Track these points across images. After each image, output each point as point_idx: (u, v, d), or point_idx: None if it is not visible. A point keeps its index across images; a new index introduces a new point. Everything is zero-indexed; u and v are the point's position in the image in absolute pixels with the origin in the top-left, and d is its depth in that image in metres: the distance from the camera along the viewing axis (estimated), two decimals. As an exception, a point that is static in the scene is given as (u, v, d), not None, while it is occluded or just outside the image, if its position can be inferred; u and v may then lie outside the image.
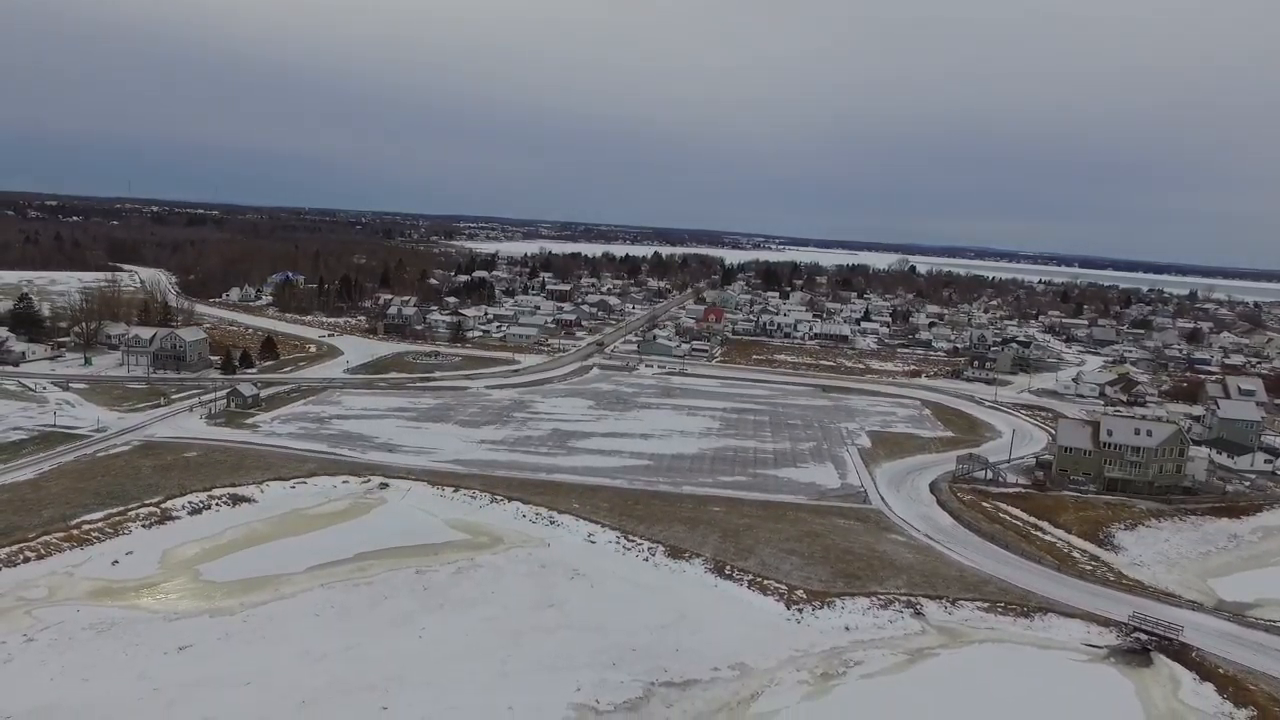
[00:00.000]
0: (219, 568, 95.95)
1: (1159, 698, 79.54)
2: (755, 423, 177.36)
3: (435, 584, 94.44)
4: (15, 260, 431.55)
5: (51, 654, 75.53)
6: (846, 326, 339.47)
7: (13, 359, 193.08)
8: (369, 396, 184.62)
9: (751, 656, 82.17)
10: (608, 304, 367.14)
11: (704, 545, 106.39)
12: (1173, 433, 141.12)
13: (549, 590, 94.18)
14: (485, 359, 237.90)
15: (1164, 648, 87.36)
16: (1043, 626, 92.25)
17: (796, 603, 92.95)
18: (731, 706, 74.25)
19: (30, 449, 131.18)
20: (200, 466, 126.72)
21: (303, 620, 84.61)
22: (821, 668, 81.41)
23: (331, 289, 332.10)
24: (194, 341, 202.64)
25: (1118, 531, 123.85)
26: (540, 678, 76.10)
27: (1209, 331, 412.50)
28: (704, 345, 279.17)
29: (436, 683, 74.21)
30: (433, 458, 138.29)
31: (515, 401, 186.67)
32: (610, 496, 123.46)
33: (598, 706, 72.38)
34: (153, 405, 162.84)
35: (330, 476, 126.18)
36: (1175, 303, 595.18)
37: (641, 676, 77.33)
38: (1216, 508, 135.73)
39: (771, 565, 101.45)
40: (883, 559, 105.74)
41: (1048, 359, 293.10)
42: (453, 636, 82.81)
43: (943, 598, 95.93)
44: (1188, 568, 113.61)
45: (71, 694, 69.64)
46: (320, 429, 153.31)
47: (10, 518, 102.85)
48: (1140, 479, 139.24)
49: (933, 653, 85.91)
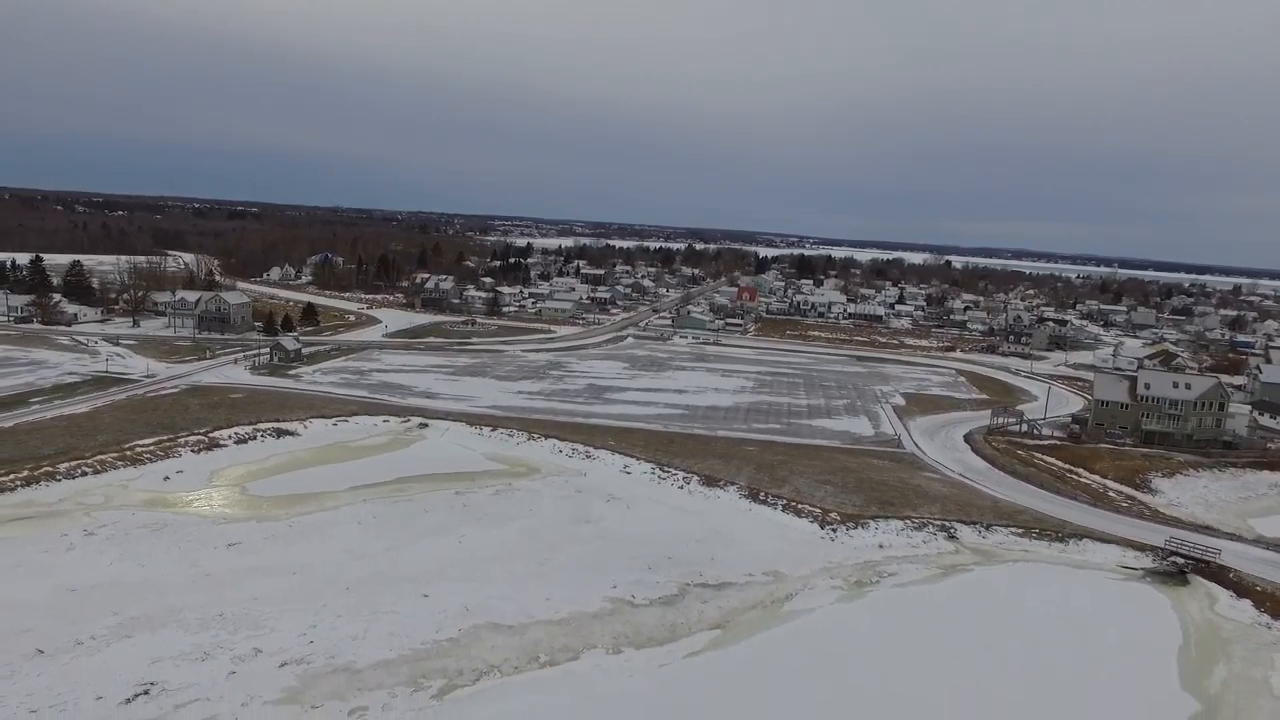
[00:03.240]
0: (265, 485, 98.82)
1: (1195, 610, 79.35)
2: (789, 383, 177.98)
3: (474, 503, 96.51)
4: (64, 245, 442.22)
5: (110, 545, 78.57)
6: (881, 308, 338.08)
7: (65, 319, 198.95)
8: (407, 355, 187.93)
9: (786, 565, 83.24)
10: (642, 286, 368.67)
11: (739, 475, 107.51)
12: (1212, 385, 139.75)
13: (585, 509, 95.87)
14: (521, 329, 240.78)
15: (1200, 570, 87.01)
16: (1077, 550, 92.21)
17: (830, 523, 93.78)
18: (766, 605, 75.34)
19: (84, 390, 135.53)
20: (245, 405, 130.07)
21: (345, 527, 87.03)
22: (855, 576, 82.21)
23: (370, 269, 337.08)
24: (238, 305, 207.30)
25: (1154, 478, 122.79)
26: (577, 576, 77.70)
27: (1253, 320, 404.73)
28: (738, 321, 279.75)
29: (474, 578, 76.10)
30: (470, 404, 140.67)
31: (551, 362, 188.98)
32: (645, 437, 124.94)
33: (634, 600, 73.84)
34: (199, 358, 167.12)
35: (371, 416, 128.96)
36: (1218, 296, 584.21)
37: (677, 579, 78.68)
38: (1258, 461, 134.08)
39: (805, 493, 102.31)
40: (916, 490, 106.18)
41: (1084, 339, 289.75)
42: (490, 543, 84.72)
43: (977, 523, 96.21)
44: (1226, 509, 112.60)
45: (129, 574, 72.55)
46: (360, 380, 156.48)
47: (68, 440, 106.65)
48: (1179, 432, 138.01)
49: (966, 569, 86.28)
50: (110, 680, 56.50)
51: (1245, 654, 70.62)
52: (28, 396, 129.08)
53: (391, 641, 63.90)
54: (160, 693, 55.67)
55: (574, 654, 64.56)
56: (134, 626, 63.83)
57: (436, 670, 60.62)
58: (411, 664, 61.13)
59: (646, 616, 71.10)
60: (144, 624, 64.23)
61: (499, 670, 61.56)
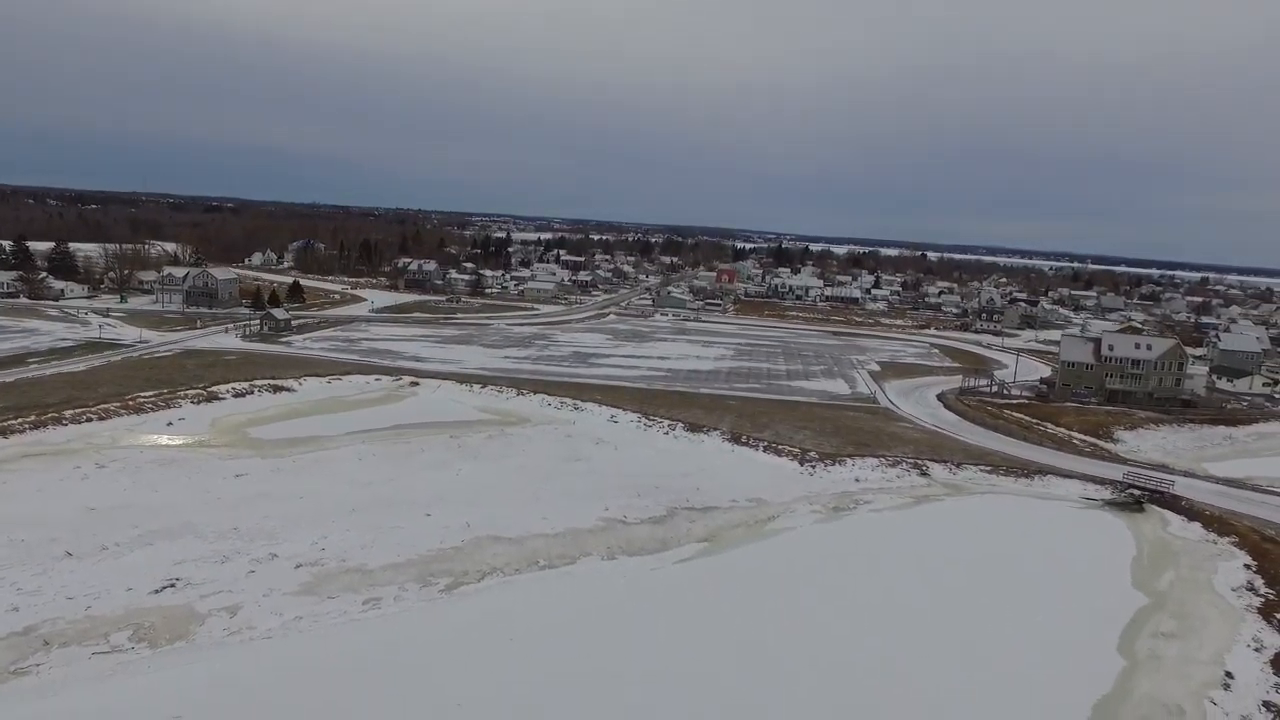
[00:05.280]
0: (265, 430, 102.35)
1: (1148, 530, 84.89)
2: (768, 352, 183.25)
3: (469, 444, 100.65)
4: (41, 233, 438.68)
5: (122, 475, 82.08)
6: (857, 291, 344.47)
7: (52, 294, 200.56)
8: (394, 327, 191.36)
9: (768, 494, 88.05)
10: (622, 271, 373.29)
11: (721, 423, 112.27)
12: (1171, 347, 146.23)
13: (576, 450, 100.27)
14: (505, 306, 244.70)
15: (1156, 500, 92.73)
16: (1042, 484, 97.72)
17: (809, 461, 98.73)
18: (749, 524, 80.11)
19: (79, 353, 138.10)
20: (240, 365, 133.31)
21: (346, 463, 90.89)
22: (833, 504, 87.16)
23: (352, 254, 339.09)
24: (225, 280, 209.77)
25: (1117, 431, 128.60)
26: (571, 501, 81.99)
27: (1218, 305, 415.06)
28: (717, 302, 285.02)
29: (474, 502, 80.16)
30: (459, 367, 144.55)
31: (536, 334, 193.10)
32: (631, 393, 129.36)
33: (626, 519, 78.33)
34: (189, 328, 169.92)
35: (363, 375, 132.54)
36: (1186, 286, 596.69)
37: (665, 503, 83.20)
38: (1215, 418, 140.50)
39: (785, 436, 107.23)
40: (891, 435, 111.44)
41: (1054, 319, 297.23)
42: (487, 476, 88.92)
43: (947, 462, 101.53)
44: (1183, 455, 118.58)
45: (144, 498, 76.11)
46: (351, 346, 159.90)
47: (70, 392, 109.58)
48: (1140, 390, 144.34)
49: (937, 499, 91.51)
50: (138, 576, 60.27)
51: (1192, 563, 76.16)
52: (24, 357, 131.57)
53: (399, 550, 67.95)
54: (186, 585, 59.52)
55: (571, 560, 69.00)
56: (154, 537, 67.49)
57: (443, 571, 64.83)
58: (419, 566, 65.28)
59: (638, 532, 75.66)
60: (163, 535, 67.91)
61: (501, 572, 65.86)
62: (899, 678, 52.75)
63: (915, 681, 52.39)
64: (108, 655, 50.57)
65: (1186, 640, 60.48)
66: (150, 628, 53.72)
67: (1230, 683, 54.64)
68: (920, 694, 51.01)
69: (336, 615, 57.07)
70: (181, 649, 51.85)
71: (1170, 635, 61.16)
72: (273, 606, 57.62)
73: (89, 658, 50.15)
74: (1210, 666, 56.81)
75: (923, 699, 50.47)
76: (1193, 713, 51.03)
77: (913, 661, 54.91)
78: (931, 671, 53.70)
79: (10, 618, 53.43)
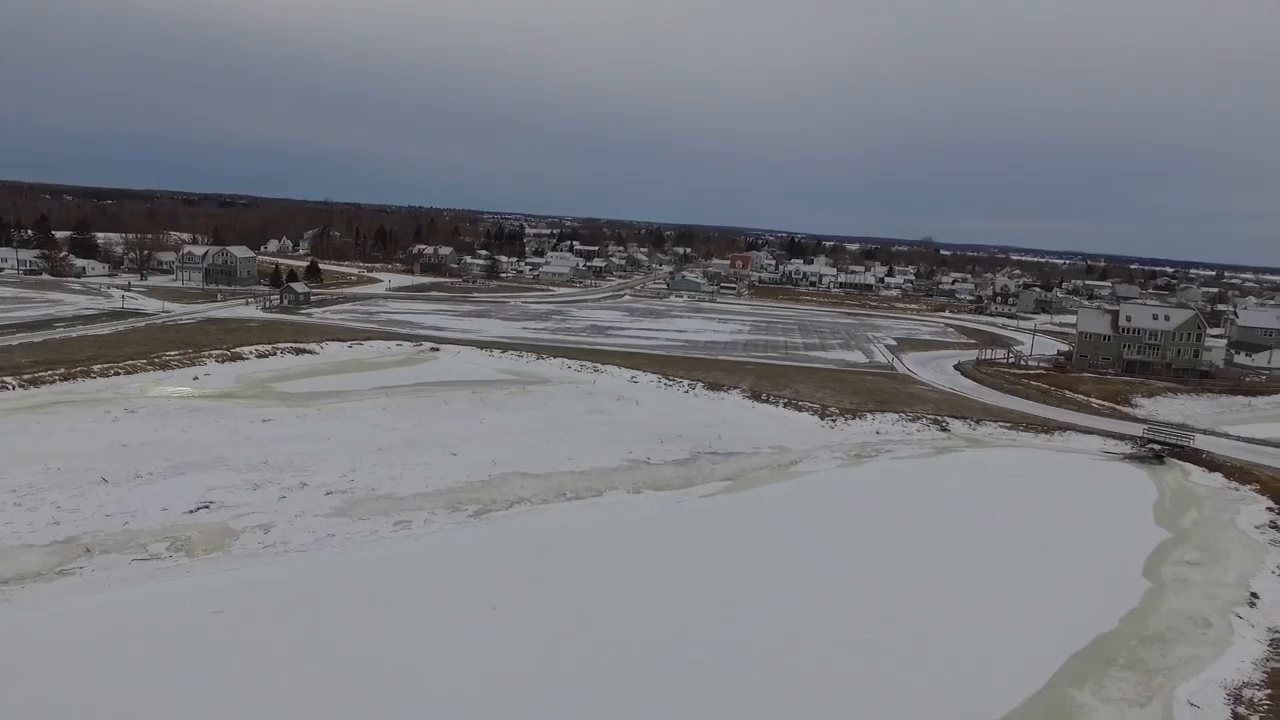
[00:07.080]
0: (290, 386, 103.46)
1: (1170, 479, 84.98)
2: (785, 328, 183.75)
3: (492, 399, 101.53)
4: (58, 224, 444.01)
5: (152, 419, 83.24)
6: (871, 278, 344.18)
7: (73, 271, 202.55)
8: (413, 303, 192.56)
9: (789, 443, 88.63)
10: (635, 259, 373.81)
11: (741, 383, 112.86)
12: (1189, 317, 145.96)
13: (598, 405, 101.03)
14: (521, 288, 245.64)
15: (1176, 454, 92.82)
16: (1062, 440, 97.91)
17: (830, 415, 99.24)
18: (772, 467, 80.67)
19: (104, 320, 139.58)
20: (263, 330, 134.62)
21: (372, 412, 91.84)
22: (855, 452, 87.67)
23: (367, 241, 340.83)
24: (244, 259, 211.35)
25: (1135, 397, 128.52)
26: (595, 446, 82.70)
27: (1234, 296, 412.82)
28: (732, 285, 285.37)
29: (499, 445, 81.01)
30: (479, 335, 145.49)
31: (553, 310, 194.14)
32: (650, 359, 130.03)
33: (650, 460, 79.05)
34: (210, 301, 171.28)
35: (385, 341, 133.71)
36: (1201, 280, 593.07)
37: (689, 449, 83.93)
38: (1234, 388, 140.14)
39: (805, 394, 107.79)
40: (911, 395, 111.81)
41: (1069, 306, 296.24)
42: (511, 425, 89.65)
43: (967, 418, 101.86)
44: (1201, 420, 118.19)
45: (175, 437, 77.19)
46: (370, 317, 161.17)
47: (97, 350, 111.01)
48: (1158, 361, 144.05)
49: (957, 450, 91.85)
50: (173, 499, 61.30)
51: (1214, 505, 76.37)
52: (51, 322, 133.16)
53: (427, 482, 68.82)
54: (219, 508, 60.50)
55: (598, 493, 69.77)
56: (186, 468, 68.51)
57: (471, 499, 65.66)
58: (447, 495, 66.13)
59: (663, 471, 76.38)
60: (195, 467, 68.91)
61: (529, 501, 66.64)
62: (935, 593, 53.35)
63: (946, 595, 52.96)
64: (147, 561, 51.57)
65: (1210, 568, 60.83)
66: (187, 540, 54.71)
67: (1256, 601, 54.97)
68: (951, 605, 51.58)
69: (368, 534, 57.96)
70: (219, 559, 52.78)
71: (1194, 563, 61.52)
72: (305, 526, 58.54)
73: (129, 563, 51.15)
74: (1235, 589, 57.15)
75: (955, 609, 51.04)
76: (1219, 625, 51.39)
77: (946, 578, 55.50)
78: (960, 585, 54.28)
79: (51, 530, 54.51)
